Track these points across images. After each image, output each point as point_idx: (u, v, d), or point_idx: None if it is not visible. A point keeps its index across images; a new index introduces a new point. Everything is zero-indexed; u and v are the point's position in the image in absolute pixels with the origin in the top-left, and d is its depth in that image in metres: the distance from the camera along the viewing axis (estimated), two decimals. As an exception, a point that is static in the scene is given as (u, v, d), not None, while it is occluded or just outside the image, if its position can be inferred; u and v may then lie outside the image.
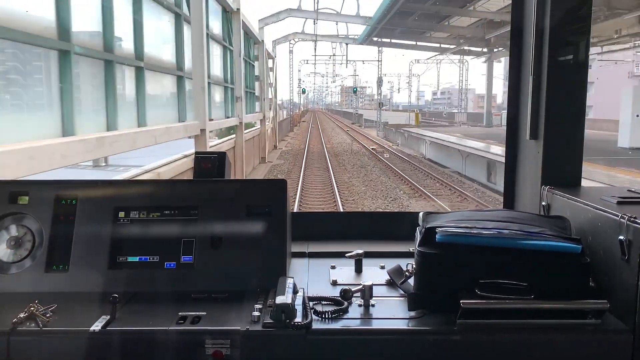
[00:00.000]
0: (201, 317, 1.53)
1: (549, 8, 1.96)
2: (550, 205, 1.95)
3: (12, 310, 1.51)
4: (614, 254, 1.51)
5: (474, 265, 1.54)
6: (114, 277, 1.74)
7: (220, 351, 1.44)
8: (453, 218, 1.74)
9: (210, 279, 1.74)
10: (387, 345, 1.48)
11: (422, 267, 1.59)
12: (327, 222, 2.42)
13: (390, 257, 2.01)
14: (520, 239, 1.56)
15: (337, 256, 2.02)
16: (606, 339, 1.47)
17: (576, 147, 2.02)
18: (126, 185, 1.98)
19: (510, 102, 2.23)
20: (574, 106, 2.00)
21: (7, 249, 1.78)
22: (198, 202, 1.84)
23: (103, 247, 1.77)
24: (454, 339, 1.47)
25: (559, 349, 1.46)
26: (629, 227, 1.45)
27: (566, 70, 1.98)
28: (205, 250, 1.77)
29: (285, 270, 1.78)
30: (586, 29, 1.98)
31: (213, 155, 1.98)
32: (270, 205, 1.84)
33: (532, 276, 1.51)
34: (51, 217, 1.81)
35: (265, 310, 1.54)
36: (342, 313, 1.57)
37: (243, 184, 1.98)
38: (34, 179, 1.95)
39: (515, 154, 2.25)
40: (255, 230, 1.81)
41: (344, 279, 1.85)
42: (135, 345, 1.47)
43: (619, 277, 1.50)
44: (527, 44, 2.10)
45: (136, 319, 1.53)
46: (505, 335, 1.47)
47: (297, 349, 1.46)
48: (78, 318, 1.52)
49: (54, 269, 1.75)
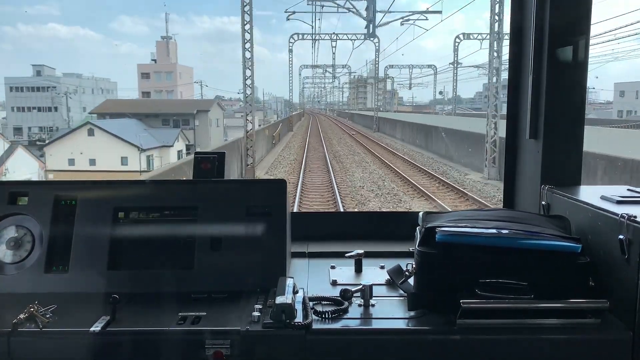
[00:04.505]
0: (201, 318, 1.53)
1: (548, 8, 1.96)
2: (550, 205, 1.95)
3: (12, 311, 1.51)
4: (614, 253, 1.51)
5: (474, 265, 1.54)
6: (113, 278, 1.73)
7: (220, 351, 1.44)
8: (453, 218, 1.74)
9: (210, 279, 1.73)
10: (387, 345, 1.48)
11: (422, 267, 1.59)
12: (327, 222, 2.42)
13: (390, 257, 2.01)
14: (520, 238, 1.56)
15: (337, 256, 2.02)
16: (606, 339, 1.47)
17: (576, 146, 2.02)
18: (126, 185, 1.98)
19: (510, 102, 2.23)
20: (573, 106, 2.00)
21: (6, 250, 1.78)
22: (198, 202, 1.84)
23: (103, 247, 1.77)
24: (454, 338, 1.47)
25: (559, 349, 1.46)
26: (628, 227, 1.45)
27: (566, 70, 1.98)
28: (205, 250, 1.77)
29: (285, 270, 1.78)
30: (586, 28, 1.98)
31: (212, 155, 1.98)
32: (270, 205, 1.84)
33: (532, 276, 1.51)
34: (51, 218, 1.81)
35: (265, 310, 1.54)
36: (342, 313, 1.56)
37: (243, 184, 1.98)
38: (33, 180, 1.95)
39: (515, 154, 2.25)
40: (255, 231, 1.81)
41: (344, 279, 1.85)
42: (135, 346, 1.47)
43: (619, 276, 1.50)
44: (526, 44, 2.10)
45: (136, 319, 1.53)
46: (505, 335, 1.47)
47: (297, 349, 1.45)
48: (78, 319, 1.52)
49: (53, 270, 1.75)
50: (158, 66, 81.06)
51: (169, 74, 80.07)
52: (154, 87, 76.83)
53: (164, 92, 76.67)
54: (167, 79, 78.64)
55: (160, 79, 78.92)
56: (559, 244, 1.54)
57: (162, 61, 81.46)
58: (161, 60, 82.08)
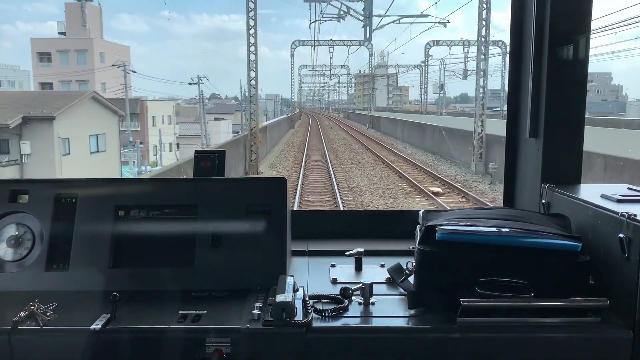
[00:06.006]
0: (202, 316, 1.53)
1: (549, 5, 1.96)
2: (550, 203, 1.95)
3: (13, 309, 1.51)
4: (614, 251, 1.51)
5: (474, 263, 1.54)
6: (114, 276, 1.74)
7: (220, 349, 1.44)
8: (453, 216, 1.74)
9: (210, 277, 1.74)
10: (387, 344, 1.48)
11: (422, 266, 1.59)
12: (327, 220, 2.43)
13: (390, 255, 2.01)
14: (520, 237, 1.56)
15: (337, 254, 2.02)
16: (606, 337, 1.47)
17: (576, 144, 2.02)
18: (126, 183, 1.98)
19: (510, 100, 2.23)
20: (573, 104, 2.00)
21: (7, 248, 1.78)
22: (198, 200, 1.84)
23: (103, 245, 1.77)
24: (454, 337, 1.47)
25: (559, 347, 1.46)
26: (629, 225, 1.45)
27: (566, 67, 1.98)
28: (205, 248, 1.77)
29: (285, 268, 1.78)
30: (586, 26, 1.98)
31: (213, 154, 1.98)
32: (270, 203, 1.84)
33: (532, 274, 1.51)
34: (51, 216, 1.81)
35: (265, 308, 1.54)
36: (342, 311, 1.57)
37: (243, 182, 1.98)
38: (33, 178, 1.95)
39: (515, 152, 2.25)
40: (255, 229, 1.81)
41: (344, 278, 1.85)
42: (135, 344, 1.47)
43: (619, 275, 1.50)
44: (527, 42, 2.09)
45: (137, 317, 1.53)
46: (505, 334, 1.47)
47: (298, 347, 1.46)
48: (78, 317, 1.52)
49: (54, 268, 1.75)
50: (66, 42, 52.07)
51: (81, 54, 51.31)
52: (58, 74, 49.40)
53: (73, 83, 50.22)
54: (81, 63, 50.82)
55: (66, 62, 51.11)
56: (559, 242, 1.54)
57: (76, 34, 52.21)
58: (74, 34, 52.60)
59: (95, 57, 51.07)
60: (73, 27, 52.94)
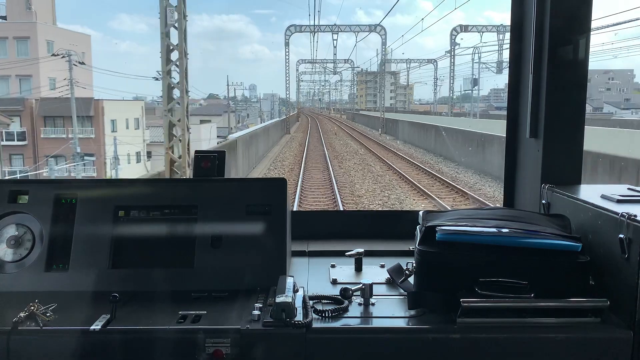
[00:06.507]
0: (201, 316, 1.53)
1: (548, 6, 1.96)
2: (550, 204, 1.95)
3: (13, 310, 1.51)
4: (614, 252, 1.51)
5: (474, 263, 1.54)
6: (113, 276, 1.74)
7: (220, 350, 1.44)
8: (453, 217, 1.74)
9: (210, 278, 1.74)
10: (387, 344, 1.48)
11: (422, 266, 1.59)
12: (327, 220, 2.42)
13: (390, 255, 2.01)
14: (520, 237, 1.56)
15: (337, 255, 2.02)
16: (606, 337, 1.47)
17: (576, 145, 2.02)
18: (126, 184, 1.98)
19: (510, 101, 2.23)
20: (573, 104, 2.00)
21: (7, 249, 1.78)
22: (198, 201, 1.84)
23: (103, 246, 1.77)
24: (454, 337, 1.47)
25: (559, 348, 1.46)
26: (629, 226, 1.45)
27: (566, 68, 1.98)
28: (205, 249, 1.77)
29: (285, 269, 1.78)
30: (586, 27, 1.98)
31: (213, 154, 1.98)
32: (270, 204, 1.84)
33: (532, 275, 1.51)
34: (51, 216, 1.81)
35: (265, 309, 1.54)
36: (342, 312, 1.56)
37: (243, 182, 1.98)
38: (33, 178, 1.95)
39: (515, 153, 2.25)
40: (255, 229, 1.81)
41: (344, 278, 1.85)
42: (135, 345, 1.47)
43: (619, 275, 1.50)
44: (527, 43, 2.09)
45: (136, 318, 1.53)
46: (505, 334, 1.47)
47: (298, 348, 1.46)
48: (78, 317, 1.52)
49: (54, 268, 1.75)
50: (3, 27, 42.01)
51: (22, 42, 41.30)
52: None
53: (13, 78, 40.99)
54: (23, 53, 40.88)
55: (4, 52, 41.17)
56: (559, 242, 1.54)
57: (19, 19, 42.04)
58: (17, 18, 42.33)
59: (41, 46, 40.76)
60: (15, 10, 42.87)
